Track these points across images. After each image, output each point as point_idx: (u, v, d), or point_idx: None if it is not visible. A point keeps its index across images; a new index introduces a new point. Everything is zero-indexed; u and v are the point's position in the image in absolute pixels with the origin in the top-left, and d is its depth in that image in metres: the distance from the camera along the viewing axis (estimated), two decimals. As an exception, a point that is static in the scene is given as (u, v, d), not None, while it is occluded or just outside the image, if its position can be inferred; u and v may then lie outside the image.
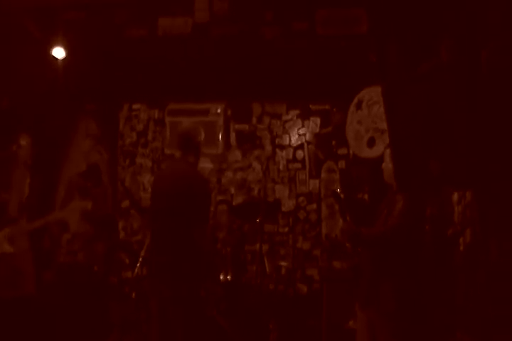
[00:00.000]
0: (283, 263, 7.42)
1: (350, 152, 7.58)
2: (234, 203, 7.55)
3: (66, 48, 6.69)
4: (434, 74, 5.44)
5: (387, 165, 4.95)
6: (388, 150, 5.05)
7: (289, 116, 7.91)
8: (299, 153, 7.90)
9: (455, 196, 5.81)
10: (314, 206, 7.80)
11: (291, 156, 7.92)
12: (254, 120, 7.96)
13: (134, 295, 6.26)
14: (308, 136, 7.86)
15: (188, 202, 4.83)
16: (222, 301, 6.09)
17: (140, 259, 6.13)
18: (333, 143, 7.76)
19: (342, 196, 5.46)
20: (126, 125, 8.10)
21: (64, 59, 6.74)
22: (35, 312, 5.31)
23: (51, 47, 6.64)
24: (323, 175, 7.79)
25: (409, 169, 5.17)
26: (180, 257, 4.82)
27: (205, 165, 7.81)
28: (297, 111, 7.90)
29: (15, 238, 5.54)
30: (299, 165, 7.90)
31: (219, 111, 7.89)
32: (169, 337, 4.86)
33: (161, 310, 4.91)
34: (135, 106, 8.10)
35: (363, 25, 6.16)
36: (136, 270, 6.16)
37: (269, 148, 7.94)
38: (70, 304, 6.14)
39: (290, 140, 7.91)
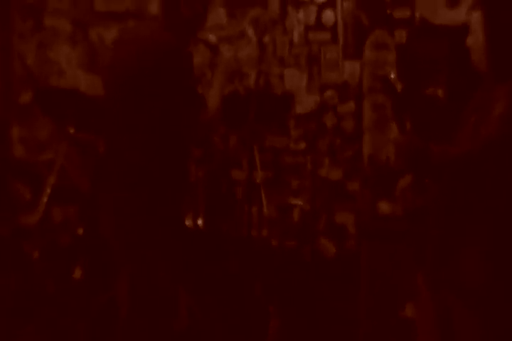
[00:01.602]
0: (296, 202, 6.63)
1: (417, 15, 6.48)
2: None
3: None
4: None
5: (478, 38, 3.98)
6: (479, 13, 3.98)
7: None
8: (328, 15, 6.73)
9: None
10: (351, 106, 6.69)
11: (312, 20, 6.74)
12: None
13: (36, 255, 5.73)
14: None
15: (154, 88, 4.18)
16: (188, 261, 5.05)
17: (48, 191, 5.54)
18: None
19: (399, 87, 4.56)
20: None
21: None
22: None
23: None
24: (367, 53, 6.62)
25: None
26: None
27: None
28: None
29: None
30: (326, 36, 6.71)
31: None
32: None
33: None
34: None
35: None
36: (40, 210, 5.55)
37: (275, 4, 6.79)
38: None
39: None
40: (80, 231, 5.64)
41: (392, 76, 5.04)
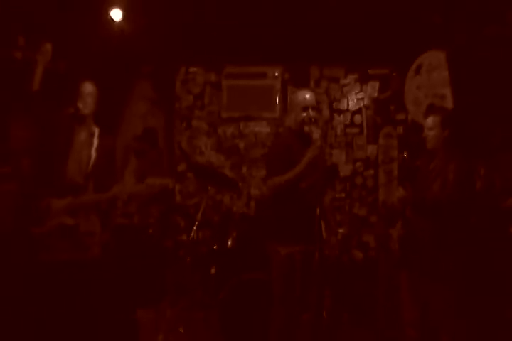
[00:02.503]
0: (340, 230, 7.15)
1: (409, 118, 7.47)
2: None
3: (124, 10, 6.71)
4: (501, 38, 5.62)
5: (430, 131, 4.96)
6: (433, 118, 5.02)
7: (347, 80, 7.85)
8: (357, 118, 7.85)
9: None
10: (371, 172, 7.76)
11: (348, 121, 7.84)
12: (311, 84, 7.82)
13: (188, 259, 6.23)
14: (366, 101, 7.82)
15: None
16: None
17: (196, 223, 6.07)
18: (392, 108, 7.68)
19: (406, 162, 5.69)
20: (183, 88, 7.99)
21: (122, 20, 6.75)
22: (93, 274, 4.99)
23: (109, 8, 6.68)
24: (380, 140, 7.74)
25: (470, 135, 5.64)
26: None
27: (262, 129, 7.82)
28: (355, 76, 7.85)
29: (79, 210, 4.96)
30: (356, 130, 7.86)
31: (276, 74, 7.87)
32: None
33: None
34: (192, 70, 8.01)
35: (427, -15, 6.16)
36: (191, 234, 6.11)
37: (326, 112, 7.84)
38: (126, 266, 6.22)
39: (348, 104, 7.84)
40: (215, 246, 6.24)
41: (405, 154, 5.87)
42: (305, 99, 5.14)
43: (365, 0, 6.52)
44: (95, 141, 5.08)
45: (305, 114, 5.05)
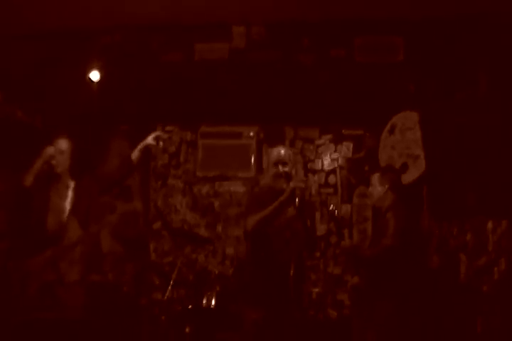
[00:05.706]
0: (314, 289, 7.46)
1: None
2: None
3: (102, 71, 6.97)
4: (472, 104, 5.91)
5: (375, 188, 5.49)
6: (376, 175, 5.56)
7: (322, 141, 8.04)
8: (331, 178, 8.02)
9: (489, 225, 5.95)
10: (346, 231, 7.88)
11: (323, 181, 8.02)
12: (286, 144, 7.95)
13: (163, 317, 6.28)
14: (340, 161, 7.98)
15: None
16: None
17: (171, 282, 6.13)
18: (366, 168, 7.86)
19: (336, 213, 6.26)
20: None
21: (100, 81, 7.00)
22: (69, 332, 5.23)
23: (88, 70, 6.93)
24: (355, 200, 7.90)
25: (443, 196, 5.98)
26: None
27: (237, 188, 8.00)
28: (330, 136, 8.03)
29: (60, 262, 5.29)
30: (330, 190, 8.00)
31: (252, 134, 8.05)
32: None
33: None
34: (168, 128, 8.11)
35: (400, 53, 6.40)
36: (167, 292, 6.16)
37: (301, 172, 7.96)
38: (100, 324, 6.07)
39: (322, 164, 8.03)
40: (190, 305, 6.28)
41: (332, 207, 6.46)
42: (279, 154, 5.28)
43: (341, 67, 6.81)
44: (70, 194, 5.42)
45: (280, 168, 5.17)
